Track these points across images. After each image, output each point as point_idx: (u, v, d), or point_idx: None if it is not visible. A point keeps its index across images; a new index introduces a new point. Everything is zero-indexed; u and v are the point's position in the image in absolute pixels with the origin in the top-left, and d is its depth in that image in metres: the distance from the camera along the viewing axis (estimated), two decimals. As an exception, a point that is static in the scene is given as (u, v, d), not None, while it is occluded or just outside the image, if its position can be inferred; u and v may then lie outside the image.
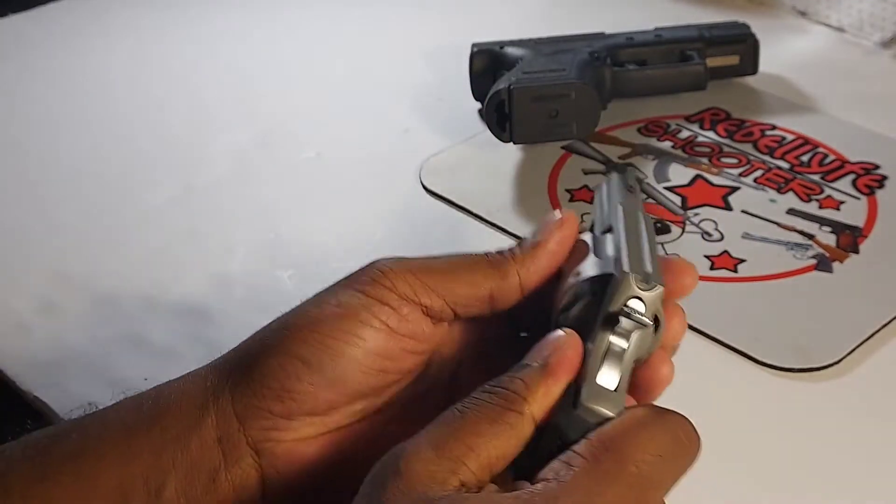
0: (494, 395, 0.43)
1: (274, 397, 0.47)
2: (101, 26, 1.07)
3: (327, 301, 0.49)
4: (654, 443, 0.43)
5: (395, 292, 0.48)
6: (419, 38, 1.03)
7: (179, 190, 0.84)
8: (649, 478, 0.42)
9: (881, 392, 0.65)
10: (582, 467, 0.41)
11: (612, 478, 0.41)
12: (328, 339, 0.47)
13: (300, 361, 0.47)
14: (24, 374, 0.68)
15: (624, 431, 0.43)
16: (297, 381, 0.47)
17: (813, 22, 1.02)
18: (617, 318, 0.45)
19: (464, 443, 0.42)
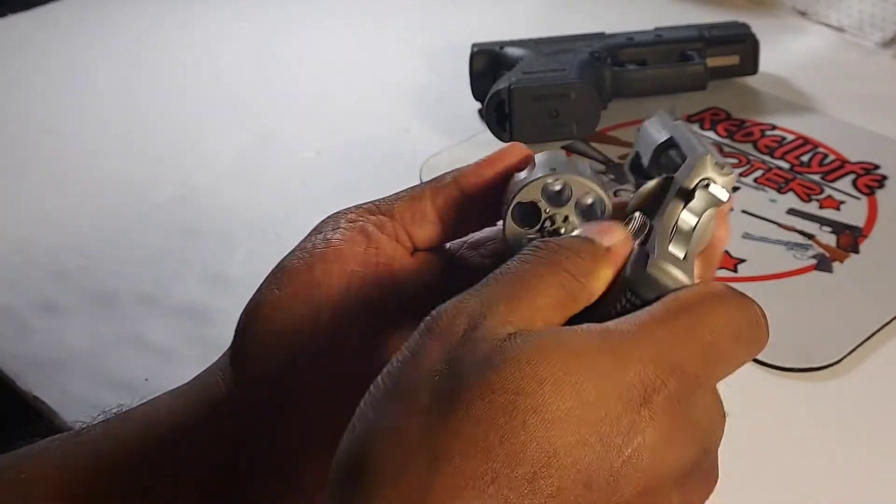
0: (558, 255, 0.42)
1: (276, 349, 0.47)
2: (101, 26, 1.07)
3: (290, 254, 0.50)
4: (730, 318, 0.42)
5: (345, 220, 0.49)
6: (419, 38, 1.03)
7: (179, 190, 0.84)
8: (720, 350, 0.41)
9: (881, 392, 0.65)
10: (658, 317, 0.40)
11: (686, 337, 0.40)
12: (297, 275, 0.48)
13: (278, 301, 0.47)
14: (24, 374, 0.68)
15: (703, 299, 0.41)
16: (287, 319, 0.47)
17: (813, 22, 1.02)
18: (692, 194, 0.45)
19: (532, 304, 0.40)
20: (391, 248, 0.49)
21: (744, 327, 0.42)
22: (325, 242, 0.49)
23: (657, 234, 0.44)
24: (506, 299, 0.40)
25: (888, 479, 0.60)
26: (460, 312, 0.40)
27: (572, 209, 0.48)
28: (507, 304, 0.40)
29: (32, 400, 0.67)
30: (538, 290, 0.41)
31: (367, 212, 0.50)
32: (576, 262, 0.42)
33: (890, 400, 0.64)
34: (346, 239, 0.48)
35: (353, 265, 0.48)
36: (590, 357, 0.38)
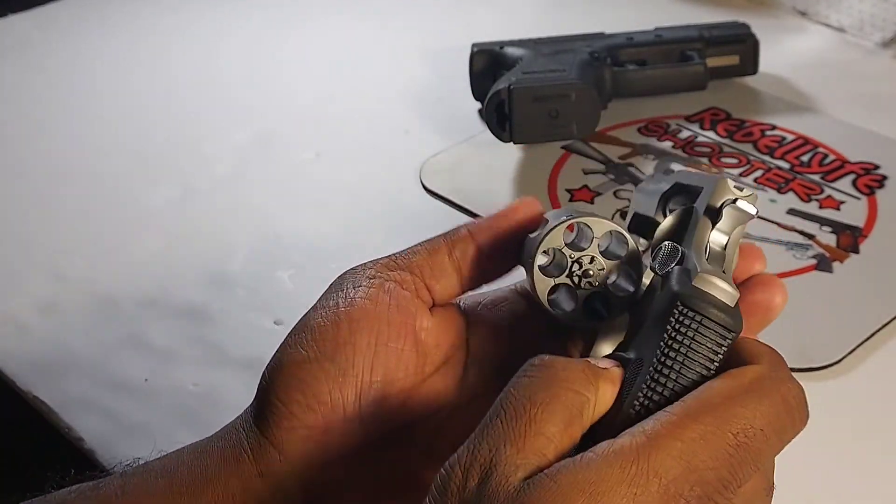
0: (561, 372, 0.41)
1: (303, 410, 0.46)
2: (101, 26, 1.07)
3: (311, 314, 0.48)
4: (759, 413, 0.40)
5: (365, 276, 0.48)
6: (419, 38, 1.03)
7: (179, 190, 0.84)
8: (748, 450, 0.40)
9: (881, 392, 0.65)
10: (675, 424, 0.39)
11: (709, 442, 0.39)
12: (322, 335, 0.47)
13: (306, 362, 0.46)
14: (24, 374, 0.68)
15: (729, 395, 0.40)
16: (316, 381, 0.46)
17: (813, 22, 1.02)
18: (720, 214, 0.45)
19: (540, 434, 0.40)
20: (413, 305, 0.49)
21: (774, 419, 0.41)
22: (348, 301, 0.48)
23: (692, 253, 0.44)
24: (512, 440, 0.39)
25: (888, 478, 0.59)
26: (470, 465, 0.39)
27: (596, 250, 0.48)
28: (514, 444, 0.39)
29: (32, 400, 0.67)
30: (544, 420, 0.40)
31: (386, 267, 0.49)
32: (577, 376, 0.41)
33: (890, 400, 0.64)
34: (370, 297, 0.48)
35: (378, 324, 0.47)
36: (609, 490, 0.38)
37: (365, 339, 0.47)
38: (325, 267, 0.75)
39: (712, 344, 0.42)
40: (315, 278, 0.74)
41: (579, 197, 0.80)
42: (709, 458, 0.39)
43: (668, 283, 0.43)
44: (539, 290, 0.48)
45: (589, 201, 0.79)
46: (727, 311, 0.42)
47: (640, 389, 0.42)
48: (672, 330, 0.42)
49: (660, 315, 0.42)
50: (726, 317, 0.42)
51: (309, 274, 0.75)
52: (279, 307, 0.72)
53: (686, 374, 0.42)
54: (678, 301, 0.42)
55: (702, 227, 0.45)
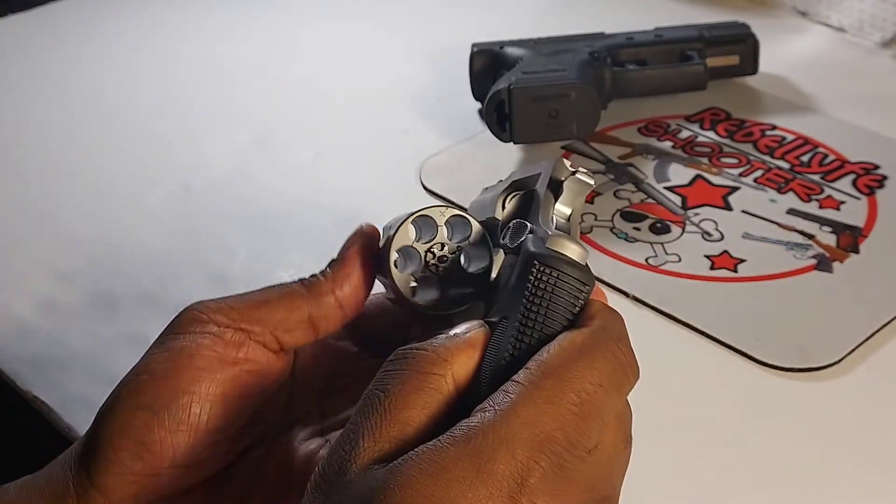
0: (413, 360, 0.43)
1: (132, 457, 0.45)
2: (101, 26, 1.07)
3: (153, 353, 0.48)
4: (594, 370, 0.42)
5: (214, 323, 0.48)
6: (419, 38, 1.03)
7: (179, 190, 0.84)
8: (590, 405, 0.41)
9: (881, 392, 0.65)
10: (521, 393, 0.41)
11: (553, 405, 0.41)
12: (162, 381, 0.46)
13: (140, 409, 0.46)
14: (24, 374, 0.68)
15: (564, 358, 0.42)
16: (147, 429, 0.45)
17: (813, 22, 1.02)
18: (561, 187, 0.48)
19: (396, 422, 0.41)
20: (261, 356, 0.49)
21: (609, 375, 0.43)
22: (194, 346, 0.47)
23: (540, 224, 0.47)
24: (368, 432, 0.41)
25: (888, 479, 0.59)
26: (332, 460, 0.41)
27: (444, 237, 0.51)
28: (371, 436, 0.41)
29: (32, 400, 0.67)
30: (398, 408, 0.41)
31: (241, 317, 0.49)
32: (427, 357, 0.43)
33: (890, 400, 0.64)
34: (216, 346, 0.48)
35: (222, 375, 0.47)
36: (454, 469, 0.39)
37: (205, 388, 0.47)
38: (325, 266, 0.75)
39: (570, 297, 0.44)
40: (315, 278, 0.74)
41: (579, 197, 0.80)
42: (554, 419, 0.40)
43: (525, 247, 0.45)
44: (402, 288, 0.50)
45: (589, 201, 0.79)
46: (580, 267, 0.45)
47: (507, 347, 0.44)
48: (532, 286, 0.44)
49: (519, 278, 0.45)
50: (580, 272, 0.45)
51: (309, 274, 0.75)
52: (279, 307, 0.72)
53: (549, 326, 0.44)
54: (535, 260, 0.44)
55: (546, 202, 0.48)
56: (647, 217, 0.78)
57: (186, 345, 0.47)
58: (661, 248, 0.75)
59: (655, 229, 0.77)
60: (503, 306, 0.45)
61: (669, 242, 0.76)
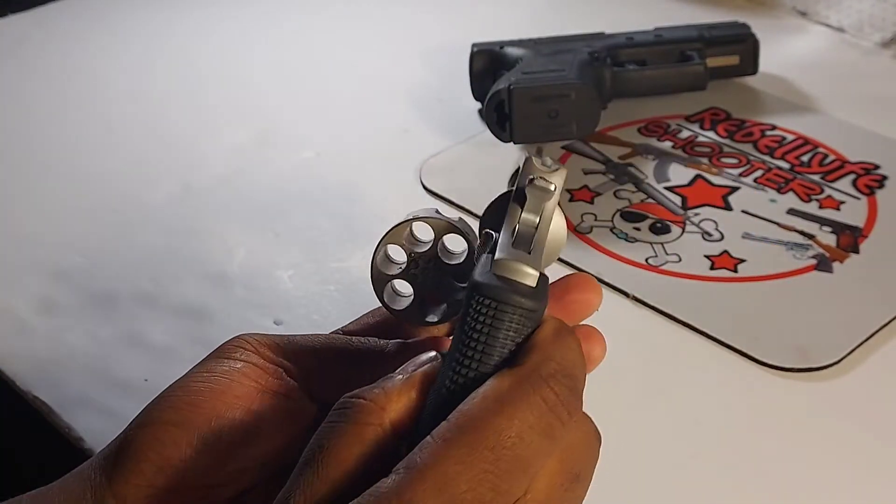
0: (351, 411, 0.42)
1: (155, 470, 0.45)
2: (101, 26, 1.07)
3: (194, 372, 0.48)
4: (514, 420, 0.40)
5: (259, 355, 0.48)
6: (419, 38, 1.03)
7: (179, 190, 0.84)
8: (509, 460, 0.39)
9: (881, 392, 0.65)
10: (432, 453, 0.39)
11: (465, 465, 0.39)
12: (198, 401, 0.46)
13: (172, 426, 0.46)
14: (24, 374, 0.68)
15: (484, 409, 0.40)
16: (175, 446, 0.45)
17: (813, 22, 1.02)
18: (524, 194, 0.45)
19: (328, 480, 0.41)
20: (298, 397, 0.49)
21: (538, 419, 0.41)
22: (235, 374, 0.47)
23: (500, 239, 0.44)
24: (300, 489, 0.40)
25: (888, 479, 0.59)
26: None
27: (436, 250, 0.49)
28: (303, 493, 0.40)
29: (32, 400, 0.67)
30: (333, 464, 0.41)
31: (285, 357, 0.49)
32: (365, 408, 0.42)
33: (890, 400, 0.64)
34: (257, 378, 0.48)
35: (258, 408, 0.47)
36: None
37: (238, 416, 0.47)
38: (325, 267, 0.75)
39: (510, 329, 0.42)
40: (315, 278, 0.75)
41: (579, 197, 0.80)
42: (467, 481, 0.39)
43: (473, 273, 0.43)
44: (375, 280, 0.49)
45: (589, 201, 0.79)
46: (524, 292, 0.42)
47: (443, 387, 0.42)
48: (470, 320, 0.42)
49: (463, 308, 0.43)
50: (524, 299, 0.42)
51: (309, 273, 0.75)
52: (279, 306, 0.72)
53: (485, 363, 0.42)
54: (473, 291, 0.42)
55: (511, 211, 0.45)
56: (647, 217, 0.78)
57: (227, 370, 0.47)
58: (661, 248, 0.75)
59: (655, 229, 0.77)
60: (454, 338, 0.43)
61: (669, 242, 0.76)
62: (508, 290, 0.42)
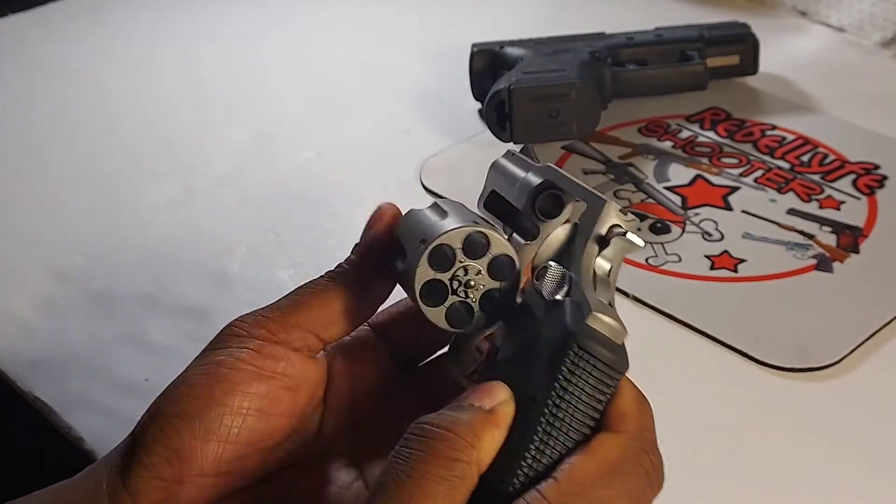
0: (438, 442, 0.42)
1: (162, 462, 0.46)
2: (102, 26, 1.07)
3: (193, 366, 0.49)
4: (622, 491, 0.42)
5: (252, 337, 0.48)
6: (419, 38, 1.03)
7: (179, 190, 0.84)
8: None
9: (881, 392, 0.65)
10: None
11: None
12: (198, 392, 0.47)
13: (175, 417, 0.46)
14: (24, 374, 0.68)
15: (595, 475, 0.42)
16: (178, 437, 0.46)
17: (813, 22, 1.02)
18: (606, 242, 0.46)
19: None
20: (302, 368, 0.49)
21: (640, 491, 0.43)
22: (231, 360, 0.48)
23: (580, 282, 0.44)
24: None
25: (888, 479, 0.60)
26: None
27: (485, 264, 0.48)
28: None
29: (33, 400, 0.67)
30: (422, 498, 0.41)
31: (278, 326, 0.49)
32: (456, 444, 0.42)
33: (890, 400, 0.64)
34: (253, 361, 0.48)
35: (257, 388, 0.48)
36: None
37: (238, 401, 0.47)
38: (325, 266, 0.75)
39: (602, 385, 0.43)
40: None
41: (579, 197, 0.80)
42: None
43: (561, 316, 0.44)
44: (437, 322, 0.48)
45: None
46: (616, 350, 0.43)
47: (536, 431, 0.42)
48: (567, 371, 0.42)
49: (553, 352, 0.43)
50: (616, 358, 0.43)
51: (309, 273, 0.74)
52: (279, 307, 0.72)
53: (578, 415, 0.43)
54: (574, 342, 0.43)
55: (588, 253, 0.46)
56: (647, 217, 0.78)
57: (224, 359, 0.48)
58: (661, 248, 0.75)
59: (655, 229, 0.77)
60: (530, 376, 0.43)
61: (669, 242, 0.76)
62: (604, 347, 0.43)
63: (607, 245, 0.46)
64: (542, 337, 0.44)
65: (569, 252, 0.47)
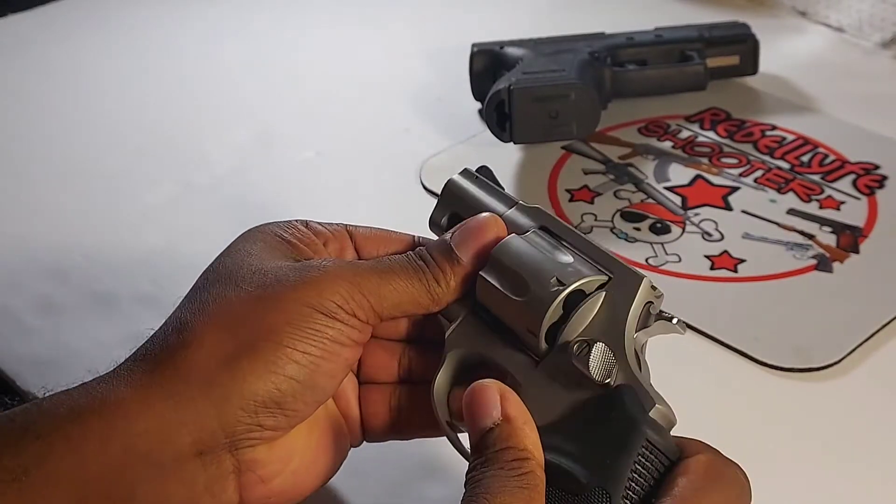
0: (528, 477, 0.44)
1: (268, 413, 0.47)
2: (101, 26, 1.07)
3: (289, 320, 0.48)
4: (724, 497, 0.45)
5: (343, 308, 0.49)
6: (419, 38, 1.02)
7: (180, 189, 0.84)
8: None
9: (881, 392, 0.65)
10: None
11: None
12: (310, 358, 0.48)
13: (295, 382, 0.47)
14: (24, 374, 0.68)
15: (695, 488, 0.44)
16: (293, 399, 0.47)
17: (813, 22, 1.02)
18: (649, 321, 0.47)
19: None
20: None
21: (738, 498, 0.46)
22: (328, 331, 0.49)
23: (629, 367, 0.46)
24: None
25: (888, 479, 0.60)
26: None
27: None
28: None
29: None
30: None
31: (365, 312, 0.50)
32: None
33: (890, 400, 0.64)
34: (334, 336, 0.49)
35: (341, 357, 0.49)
36: None
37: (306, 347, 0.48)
38: (325, 267, 0.75)
39: (661, 469, 0.45)
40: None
41: (579, 197, 0.80)
42: None
43: (623, 406, 0.45)
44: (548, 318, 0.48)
45: (589, 201, 0.79)
46: (669, 437, 0.46)
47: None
48: (639, 466, 0.44)
49: (620, 444, 0.44)
50: (675, 448, 0.45)
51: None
52: (279, 307, 0.72)
53: (641, 497, 0.44)
54: (644, 438, 0.45)
55: (629, 334, 0.47)
56: (647, 217, 0.78)
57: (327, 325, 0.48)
58: (661, 248, 0.75)
59: (655, 229, 0.77)
60: (598, 466, 0.44)
61: (669, 242, 0.76)
62: (666, 440, 0.45)
63: (646, 324, 0.47)
64: (601, 424, 0.45)
65: (601, 324, 0.47)
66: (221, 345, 0.48)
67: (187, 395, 0.47)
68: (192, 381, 0.47)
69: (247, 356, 0.47)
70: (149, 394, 0.47)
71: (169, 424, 0.46)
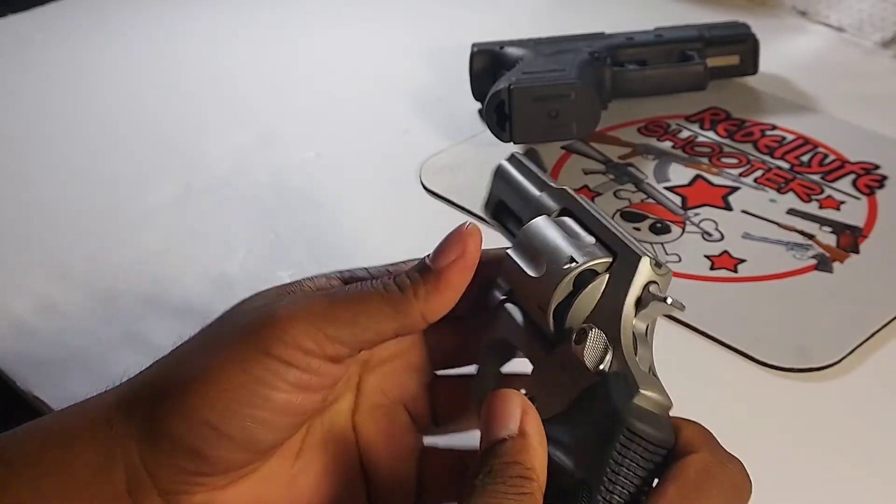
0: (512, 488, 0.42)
1: (186, 458, 0.46)
2: (101, 26, 1.07)
3: (230, 360, 0.47)
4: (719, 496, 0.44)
5: (300, 350, 0.46)
6: (419, 38, 1.03)
7: (179, 190, 0.84)
8: None
9: (881, 392, 0.65)
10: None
11: None
12: (235, 406, 0.46)
13: (209, 428, 0.45)
14: (24, 374, 0.68)
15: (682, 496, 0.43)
16: (209, 446, 0.46)
17: (813, 22, 1.02)
18: (645, 304, 0.46)
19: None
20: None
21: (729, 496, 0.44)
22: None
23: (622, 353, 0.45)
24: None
25: (888, 479, 0.60)
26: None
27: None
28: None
29: (32, 400, 0.67)
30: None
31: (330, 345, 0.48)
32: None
33: (890, 400, 0.64)
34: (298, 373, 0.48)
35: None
36: None
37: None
38: (325, 267, 0.75)
39: (651, 459, 0.43)
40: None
41: (579, 197, 0.80)
42: None
43: (607, 394, 0.44)
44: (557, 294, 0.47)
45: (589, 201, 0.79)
46: (664, 428, 0.44)
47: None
48: (618, 455, 0.43)
49: (601, 435, 0.43)
50: (664, 436, 0.44)
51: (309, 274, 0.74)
52: (279, 307, 0.72)
53: (630, 488, 0.43)
54: (624, 427, 0.43)
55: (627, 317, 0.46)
56: (647, 217, 0.78)
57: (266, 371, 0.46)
58: (661, 248, 0.75)
59: (655, 229, 0.77)
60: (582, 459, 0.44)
61: (669, 242, 0.76)
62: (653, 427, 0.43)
63: (645, 306, 0.46)
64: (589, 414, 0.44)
65: (602, 308, 0.46)
66: (164, 382, 0.47)
67: (125, 431, 0.46)
68: (134, 416, 0.47)
69: (173, 395, 0.46)
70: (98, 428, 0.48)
71: (111, 458, 0.46)
